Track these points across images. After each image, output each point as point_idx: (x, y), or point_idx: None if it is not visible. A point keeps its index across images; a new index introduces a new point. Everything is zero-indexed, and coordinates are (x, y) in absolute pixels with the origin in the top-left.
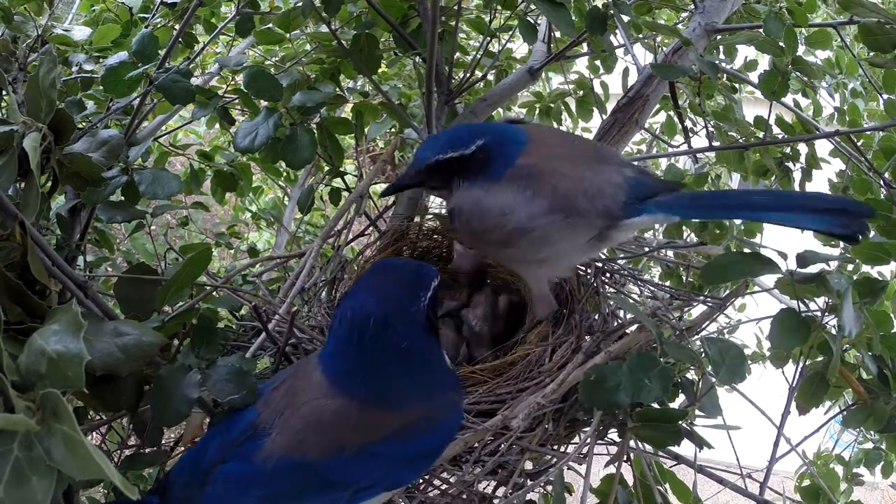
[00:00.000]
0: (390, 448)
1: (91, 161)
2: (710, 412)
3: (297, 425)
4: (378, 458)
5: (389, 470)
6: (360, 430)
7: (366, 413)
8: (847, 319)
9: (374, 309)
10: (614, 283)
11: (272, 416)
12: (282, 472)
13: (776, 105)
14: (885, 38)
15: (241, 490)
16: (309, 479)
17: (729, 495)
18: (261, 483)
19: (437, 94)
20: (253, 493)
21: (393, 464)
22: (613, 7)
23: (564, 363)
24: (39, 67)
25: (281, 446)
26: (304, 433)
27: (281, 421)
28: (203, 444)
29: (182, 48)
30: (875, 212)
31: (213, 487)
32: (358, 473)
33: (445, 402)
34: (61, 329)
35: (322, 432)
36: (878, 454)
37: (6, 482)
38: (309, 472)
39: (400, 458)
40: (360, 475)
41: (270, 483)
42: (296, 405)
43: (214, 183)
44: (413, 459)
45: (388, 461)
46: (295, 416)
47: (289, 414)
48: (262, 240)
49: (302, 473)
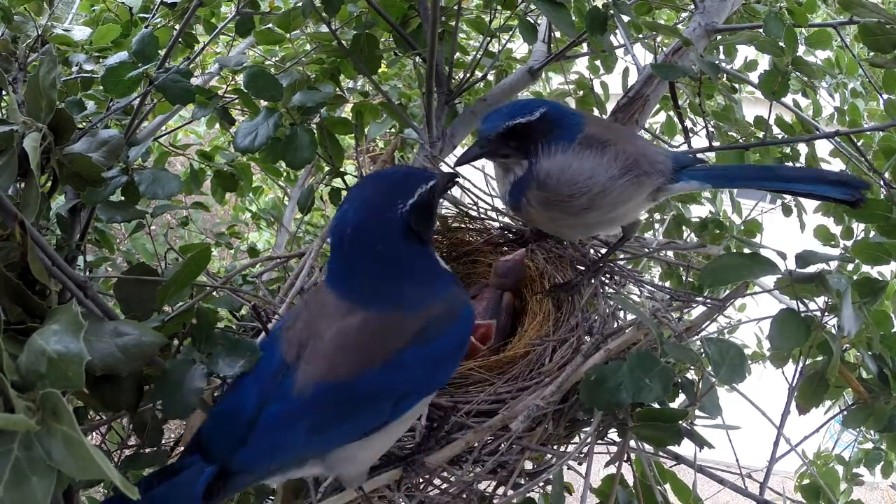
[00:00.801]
0: (418, 351)
1: (91, 161)
2: (711, 412)
3: (323, 350)
4: (409, 365)
5: (423, 374)
6: (385, 340)
7: (384, 321)
8: (847, 319)
9: (351, 217)
10: (614, 284)
11: (296, 350)
12: (320, 399)
13: (776, 105)
14: (885, 38)
15: (287, 426)
16: (347, 399)
17: (729, 495)
18: (303, 414)
19: (437, 94)
20: (298, 426)
21: (424, 367)
22: (613, 7)
23: (565, 363)
24: (39, 67)
25: (313, 375)
26: (332, 356)
27: (307, 352)
28: (236, 395)
29: (182, 48)
30: (870, 186)
31: (260, 432)
32: (393, 383)
33: (452, 297)
34: (61, 329)
35: (348, 351)
36: (878, 454)
37: (6, 482)
38: (345, 392)
39: (429, 360)
40: (395, 385)
41: (312, 412)
42: (318, 332)
43: (214, 183)
44: (442, 359)
45: (420, 365)
46: (319, 342)
47: (313, 343)
48: (262, 240)
49: (339, 395)
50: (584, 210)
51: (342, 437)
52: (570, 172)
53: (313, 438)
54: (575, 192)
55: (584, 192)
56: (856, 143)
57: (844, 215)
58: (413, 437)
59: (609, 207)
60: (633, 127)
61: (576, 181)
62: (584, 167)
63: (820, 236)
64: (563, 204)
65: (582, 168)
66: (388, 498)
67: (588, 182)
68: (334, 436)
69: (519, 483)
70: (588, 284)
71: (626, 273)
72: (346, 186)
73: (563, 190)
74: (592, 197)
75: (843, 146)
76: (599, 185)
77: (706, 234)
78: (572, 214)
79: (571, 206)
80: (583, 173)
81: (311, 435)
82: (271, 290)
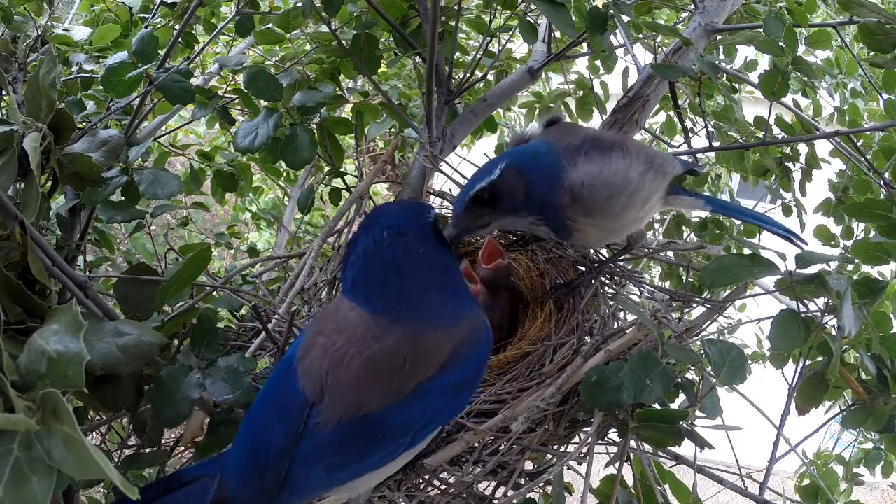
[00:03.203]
0: (444, 379)
1: (91, 161)
2: (711, 413)
3: (349, 383)
4: (434, 392)
5: (445, 402)
6: (417, 365)
7: (418, 342)
8: (846, 320)
9: (387, 221)
10: (615, 285)
11: (318, 384)
12: (342, 436)
13: (776, 105)
14: (885, 38)
15: (311, 465)
16: (370, 434)
17: (729, 495)
18: (324, 452)
19: (437, 94)
20: (320, 465)
21: (448, 394)
22: (613, 7)
23: (565, 364)
24: (39, 67)
25: (337, 410)
26: (360, 388)
27: (330, 384)
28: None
29: (182, 48)
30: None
31: (295, 479)
32: (417, 414)
33: (476, 316)
34: (61, 329)
35: (377, 380)
36: (878, 454)
37: (6, 482)
38: (370, 427)
39: (453, 387)
40: (418, 415)
41: (333, 450)
42: (342, 361)
43: (214, 183)
44: (465, 385)
45: (444, 393)
46: (345, 372)
47: (336, 373)
48: (262, 240)
49: (362, 430)
50: (623, 209)
51: (360, 472)
52: (603, 176)
53: (333, 476)
54: (614, 193)
55: (621, 191)
56: (856, 143)
57: (844, 215)
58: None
59: (641, 203)
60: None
61: (611, 182)
62: (615, 168)
63: (820, 236)
64: (604, 208)
65: (614, 169)
66: (388, 498)
67: (624, 180)
68: (352, 472)
69: (519, 483)
70: (588, 285)
71: (626, 273)
72: (347, 186)
73: (602, 194)
74: (630, 195)
75: (843, 146)
76: (634, 182)
77: (706, 235)
78: (614, 217)
79: (612, 209)
80: (616, 174)
81: (331, 473)
82: (271, 290)
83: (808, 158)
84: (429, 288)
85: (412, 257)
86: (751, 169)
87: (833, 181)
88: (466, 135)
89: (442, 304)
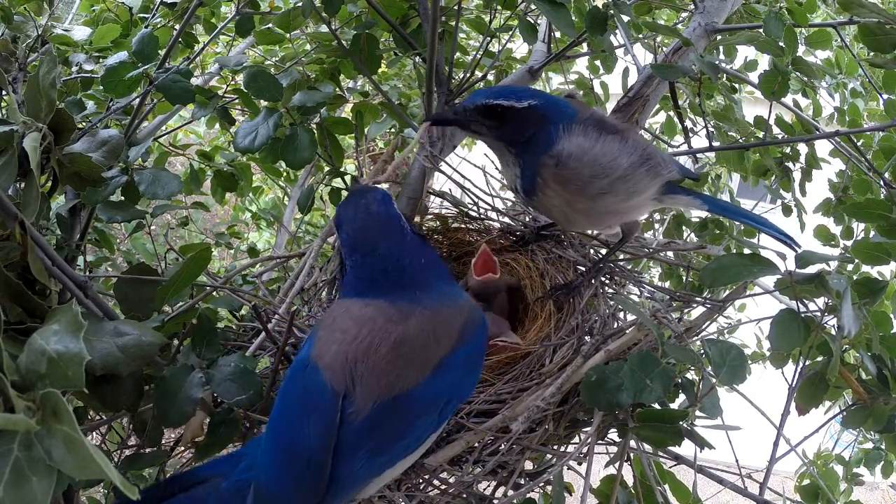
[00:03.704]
0: (461, 353)
1: (91, 161)
2: (711, 413)
3: (382, 367)
4: (454, 366)
5: (463, 376)
6: (440, 339)
7: (436, 318)
8: (846, 320)
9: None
10: (615, 285)
11: (347, 376)
12: (378, 420)
13: (776, 105)
14: (885, 38)
15: (353, 455)
16: (403, 415)
17: (729, 495)
18: (363, 439)
19: (437, 94)
20: (360, 452)
21: (465, 368)
22: (613, 7)
23: (565, 364)
24: (39, 67)
25: (371, 395)
26: (392, 369)
27: (360, 373)
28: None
29: (182, 48)
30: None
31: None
32: (441, 389)
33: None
34: (61, 329)
35: (408, 358)
36: (878, 454)
37: (6, 482)
38: (401, 408)
39: (468, 361)
40: (442, 391)
41: (371, 435)
42: (369, 349)
43: (214, 183)
44: (477, 360)
45: (462, 366)
46: (375, 358)
47: (365, 362)
48: (262, 240)
49: (395, 412)
50: (602, 194)
51: (396, 456)
52: (593, 153)
53: (374, 462)
54: (598, 174)
55: (606, 175)
56: (856, 143)
57: (844, 215)
58: None
59: (625, 196)
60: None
61: (599, 162)
62: (607, 150)
63: (820, 236)
64: (583, 185)
65: (605, 150)
66: (388, 498)
67: (612, 164)
68: (390, 456)
69: (519, 483)
70: (588, 285)
71: (626, 273)
72: (347, 186)
73: (585, 171)
74: (613, 181)
75: (843, 146)
76: (621, 169)
77: (706, 234)
78: (589, 198)
79: (590, 188)
80: (606, 155)
81: (372, 459)
82: (271, 290)
83: (808, 158)
84: (427, 269)
85: (404, 245)
86: (751, 169)
87: (833, 181)
88: (466, 135)
89: (444, 287)
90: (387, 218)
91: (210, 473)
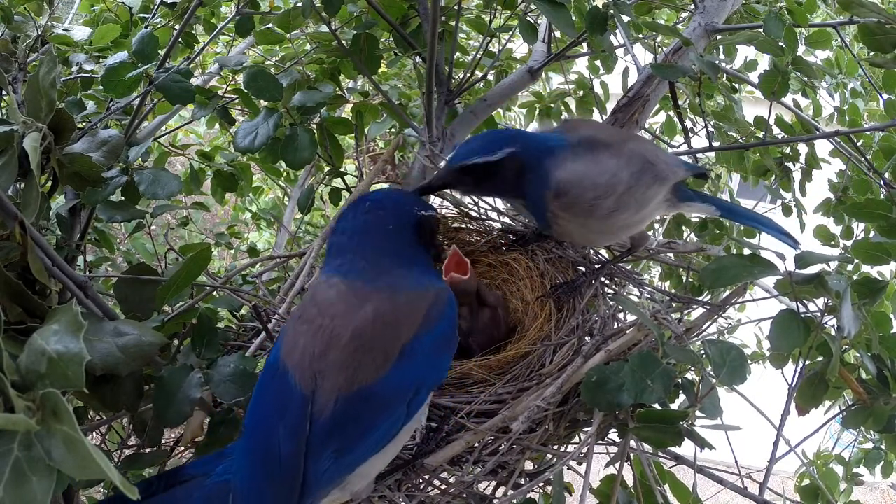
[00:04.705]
0: (426, 338)
1: (91, 161)
2: (711, 413)
3: (342, 360)
4: (419, 353)
5: (430, 362)
6: (401, 327)
7: (397, 303)
8: (846, 320)
9: (373, 197)
10: (615, 285)
11: (310, 375)
12: (342, 417)
13: (776, 105)
14: (885, 38)
15: (319, 457)
16: (368, 409)
17: (729, 495)
18: (328, 439)
19: (437, 94)
20: (326, 454)
21: (431, 353)
22: (613, 7)
23: (565, 364)
24: (39, 67)
25: (332, 389)
26: (352, 362)
27: (322, 367)
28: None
29: (182, 48)
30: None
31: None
32: (406, 378)
33: (442, 285)
34: (61, 329)
35: (367, 350)
36: (878, 454)
37: (6, 482)
38: (366, 401)
39: (435, 346)
40: (408, 379)
41: (336, 434)
42: (331, 342)
43: (214, 183)
44: (444, 344)
45: (428, 352)
46: (334, 352)
47: (330, 352)
48: (262, 240)
49: (360, 406)
50: (613, 212)
51: (365, 453)
52: (590, 176)
53: (341, 463)
54: (601, 195)
55: (609, 194)
56: (856, 143)
57: (844, 215)
58: (413, 439)
59: (635, 208)
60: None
61: (598, 183)
62: (603, 168)
63: (820, 236)
64: (590, 208)
65: (602, 170)
66: (388, 498)
67: (613, 182)
68: (358, 454)
69: (519, 483)
70: (589, 285)
71: (626, 274)
72: (347, 186)
73: (588, 195)
74: (619, 197)
75: (843, 146)
76: (623, 184)
77: (706, 235)
78: (600, 218)
79: (599, 210)
80: (603, 174)
81: (339, 459)
82: (271, 290)
83: (808, 158)
84: (396, 258)
85: (382, 228)
86: (751, 169)
87: (833, 181)
88: (466, 135)
89: (409, 274)
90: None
91: (195, 472)
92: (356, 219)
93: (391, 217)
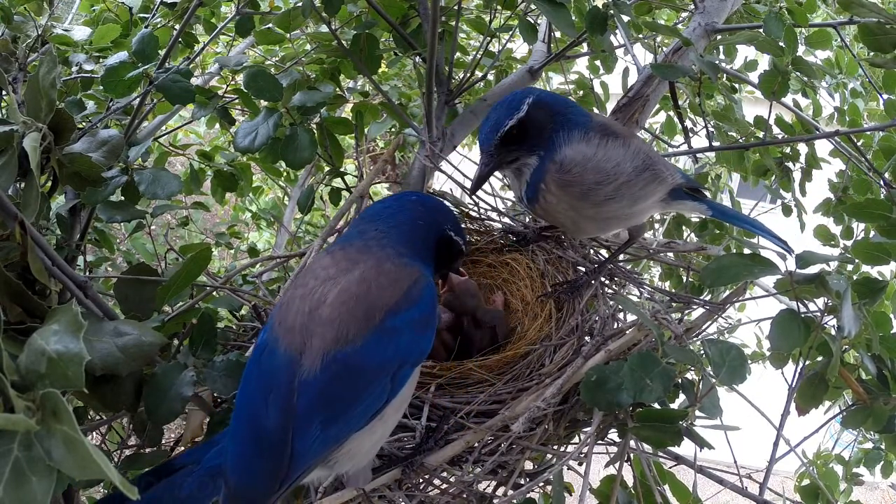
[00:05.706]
0: (405, 315)
1: (91, 161)
2: (711, 413)
3: (328, 316)
4: (400, 329)
5: (412, 338)
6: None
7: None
8: (846, 320)
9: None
10: (615, 285)
11: (299, 330)
12: (327, 384)
13: (776, 105)
14: (885, 38)
15: (307, 429)
16: (352, 378)
17: (729, 495)
18: (314, 408)
19: (437, 94)
20: (314, 424)
21: (412, 331)
22: (613, 7)
23: (565, 364)
24: (39, 67)
25: (318, 350)
26: (338, 317)
27: (311, 326)
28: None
29: (182, 48)
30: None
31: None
32: (389, 351)
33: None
34: (61, 329)
35: (352, 308)
36: (878, 454)
37: (6, 482)
38: (351, 370)
39: (414, 324)
40: (391, 352)
41: (321, 402)
42: (319, 302)
43: (214, 183)
44: (425, 322)
45: (408, 329)
46: (324, 308)
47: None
48: (262, 240)
49: (344, 374)
50: (608, 200)
51: (351, 424)
52: (595, 160)
53: (328, 434)
54: (602, 180)
55: (611, 181)
56: (856, 143)
57: (844, 215)
58: (413, 438)
59: (630, 201)
60: (633, 127)
61: (602, 168)
62: (610, 156)
63: (820, 236)
64: (588, 192)
65: (608, 157)
66: (388, 498)
67: (616, 170)
68: (344, 425)
69: (519, 483)
70: (589, 285)
71: (625, 274)
72: (347, 186)
73: (589, 177)
74: (619, 186)
75: (843, 146)
76: (625, 174)
77: (706, 235)
78: (594, 204)
79: (596, 195)
80: (609, 161)
81: (326, 430)
82: (271, 290)
83: (808, 158)
84: (407, 246)
85: (413, 219)
86: (751, 169)
87: (833, 181)
88: (466, 135)
89: (406, 259)
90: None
91: (186, 461)
92: (398, 200)
93: (427, 216)
